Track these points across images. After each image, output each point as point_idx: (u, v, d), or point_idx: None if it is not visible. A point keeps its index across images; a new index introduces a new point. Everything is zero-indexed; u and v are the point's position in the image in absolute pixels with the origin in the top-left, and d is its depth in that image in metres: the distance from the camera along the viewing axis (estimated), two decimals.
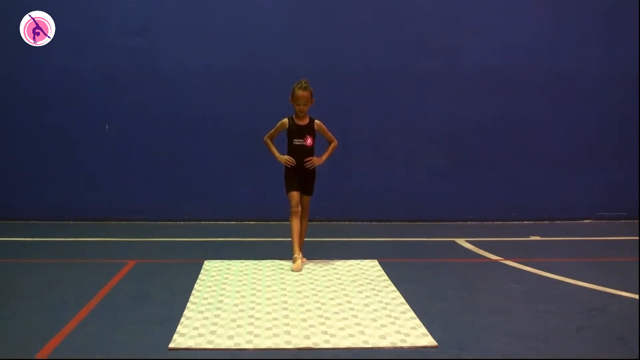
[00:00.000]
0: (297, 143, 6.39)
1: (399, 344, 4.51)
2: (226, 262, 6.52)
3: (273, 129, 6.44)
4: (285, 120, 6.43)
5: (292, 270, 6.20)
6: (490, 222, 8.57)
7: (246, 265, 6.42)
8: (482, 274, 6.24)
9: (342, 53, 8.36)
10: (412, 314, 5.08)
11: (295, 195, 6.40)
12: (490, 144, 8.56)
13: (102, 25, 8.25)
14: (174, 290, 5.63)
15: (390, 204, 8.55)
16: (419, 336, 4.64)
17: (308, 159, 6.40)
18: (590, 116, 8.60)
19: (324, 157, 6.50)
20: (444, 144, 8.53)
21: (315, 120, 6.44)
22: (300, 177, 6.43)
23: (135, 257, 6.71)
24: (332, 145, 6.52)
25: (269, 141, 6.50)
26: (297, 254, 6.33)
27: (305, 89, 6.32)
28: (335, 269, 6.31)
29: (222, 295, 5.52)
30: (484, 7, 8.47)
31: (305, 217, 6.54)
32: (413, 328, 4.79)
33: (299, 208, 6.40)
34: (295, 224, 6.39)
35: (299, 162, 6.40)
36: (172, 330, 4.70)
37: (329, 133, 6.50)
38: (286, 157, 6.42)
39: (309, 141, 6.39)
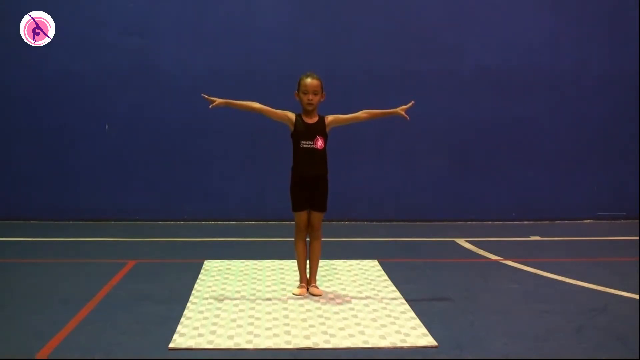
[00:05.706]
0: (305, 146, 5.34)
1: (399, 344, 4.51)
2: (226, 262, 6.52)
3: (274, 109, 5.44)
4: (292, 115, 5.41)
5: (293, 294, 5.52)
6: (490, 222, 8.56)
7: (246, 265, 6.41)
8: (482, 274, 6.24)
9: (342, 54, 8.35)
10: (412, 314, 5.08)
11: (302, 215, 5.43)
12: (490, 143, 8.55)
13: (102, 25, 8.24)
14: (174, 290, 5.62)
15: (390, 204, 8.54)
16: (419, 336, 4.64)
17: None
18: (590, 116, 8.59)
19: (389, 110, 5.50)
20: (444, 144, 8.52)
21: (326, 117, 5.41)
22: (309, 190, 5.40)
23: (135, 257, 6.71)
24: (373, 111, 5.52)
25: (251, 102, 5.42)
26: (304, 282, 5.55)
27: (315, 77, 5.35)
28: (335, 269, 6.31)
29: (222, 295, 5.52)
30: (484, 7, 8.47)
31: (317, 239, 5.50)
32: (413, 328, 4.79)
33: (306, 230, 5.48)
34: (301, 248, 5.51)
35: (308, 170, 5.38)
36: (172, 330, 4.70)
37: (348, 114, 5.48)
38: (218, 100, 5.34)
39: (319, 143, 5.35)
